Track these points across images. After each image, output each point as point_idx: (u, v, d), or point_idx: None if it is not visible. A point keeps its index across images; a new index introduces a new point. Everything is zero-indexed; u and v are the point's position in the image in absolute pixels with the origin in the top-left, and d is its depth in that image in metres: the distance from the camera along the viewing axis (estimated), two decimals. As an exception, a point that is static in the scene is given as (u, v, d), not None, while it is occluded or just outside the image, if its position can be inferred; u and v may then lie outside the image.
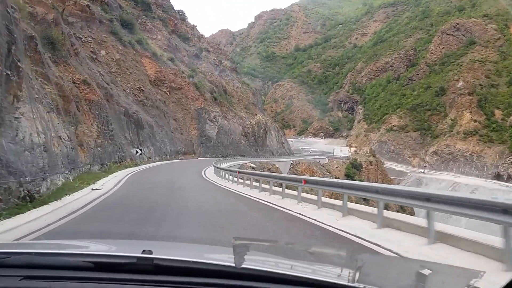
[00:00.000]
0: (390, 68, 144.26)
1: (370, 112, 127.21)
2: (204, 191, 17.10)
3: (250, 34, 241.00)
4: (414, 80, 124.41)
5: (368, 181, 62.31)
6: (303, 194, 12.41)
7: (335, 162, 64.54)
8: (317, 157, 67.85)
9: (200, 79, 66.51)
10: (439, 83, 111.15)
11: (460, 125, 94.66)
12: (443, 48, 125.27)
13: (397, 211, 17.75)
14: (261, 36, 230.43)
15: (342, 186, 9.63)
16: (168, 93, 56.77)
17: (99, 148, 26.99)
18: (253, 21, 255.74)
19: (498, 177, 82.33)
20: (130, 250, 1.96)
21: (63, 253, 1.66)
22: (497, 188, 71.55)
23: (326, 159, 68.66)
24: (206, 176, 25.62)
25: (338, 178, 58.09)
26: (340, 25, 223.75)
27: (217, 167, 26.97)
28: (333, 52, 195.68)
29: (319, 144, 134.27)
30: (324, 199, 11.49)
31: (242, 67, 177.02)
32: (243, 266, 1.54)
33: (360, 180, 60.44)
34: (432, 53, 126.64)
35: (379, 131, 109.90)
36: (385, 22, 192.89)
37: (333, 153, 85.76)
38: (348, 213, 9.20)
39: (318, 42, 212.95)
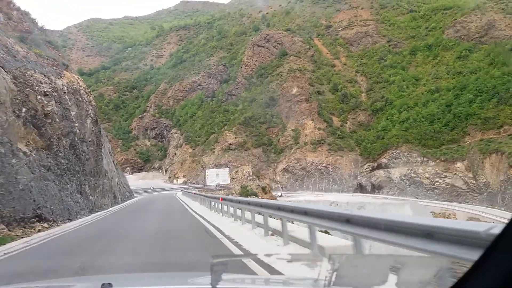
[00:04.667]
0: (199, 87, 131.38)
1: (192, 134, 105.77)
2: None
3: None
4: (234, 95, 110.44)
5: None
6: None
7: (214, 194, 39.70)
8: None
9: None
10: (264, 94, 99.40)
11: (305, 135, 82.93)
12: (256, 60, 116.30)
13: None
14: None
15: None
16: None
17: None
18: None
19: (361, 188, 72.16)
20: (89, 285, 1.88)
21: None
22: (387, 202, 59.45)
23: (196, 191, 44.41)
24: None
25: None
26: (130, 48, 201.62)
27: None
28: (127, 75, 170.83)
29: (131, 181, 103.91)
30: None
31: None
32: (218, 286, 1.48)
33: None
34: (247, 65, 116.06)
35: (213, 152, 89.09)
36: (179, 44, 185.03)
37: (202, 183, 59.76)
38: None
39: (106, 65, 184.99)
